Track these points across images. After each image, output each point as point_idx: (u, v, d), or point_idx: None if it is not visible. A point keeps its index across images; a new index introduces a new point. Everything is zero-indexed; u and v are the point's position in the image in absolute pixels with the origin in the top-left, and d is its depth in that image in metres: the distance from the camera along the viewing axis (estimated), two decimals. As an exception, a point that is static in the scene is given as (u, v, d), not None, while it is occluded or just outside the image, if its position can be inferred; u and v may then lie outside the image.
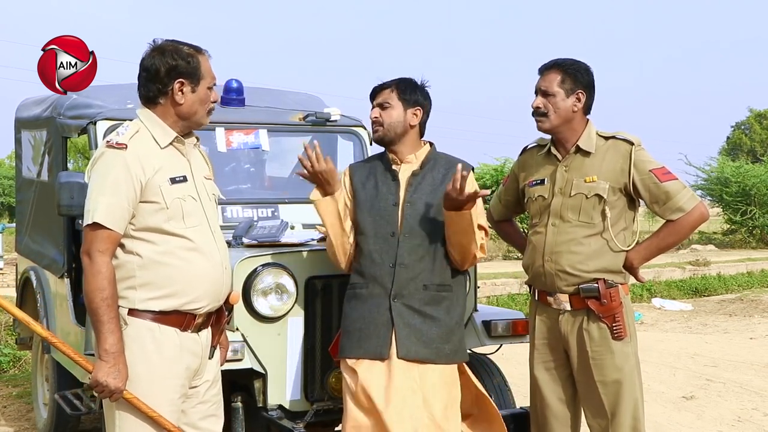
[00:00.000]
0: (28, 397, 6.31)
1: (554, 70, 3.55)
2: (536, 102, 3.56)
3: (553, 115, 3.53)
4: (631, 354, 3.52)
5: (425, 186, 3.53)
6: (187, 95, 2.92)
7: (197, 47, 2.99)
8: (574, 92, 3.52)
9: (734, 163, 24.29)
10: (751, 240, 21.76)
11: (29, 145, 5.67)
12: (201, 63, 2.95)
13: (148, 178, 2.84)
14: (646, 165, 3.49)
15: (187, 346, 2.93)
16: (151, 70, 2.92)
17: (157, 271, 2.86)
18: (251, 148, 4.84)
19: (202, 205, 2.98)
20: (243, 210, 4.64)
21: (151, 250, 2.86)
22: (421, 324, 3.45)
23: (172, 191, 2.88)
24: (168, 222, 2.87)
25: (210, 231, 2.99)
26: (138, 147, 2.86)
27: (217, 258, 2.98)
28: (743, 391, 6.85)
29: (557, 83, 3.52)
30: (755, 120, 53.62)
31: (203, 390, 3.04)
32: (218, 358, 3.14)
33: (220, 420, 3.13)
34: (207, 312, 2.98)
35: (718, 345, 9.10)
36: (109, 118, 4.29)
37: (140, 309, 2.86)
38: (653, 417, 6.05)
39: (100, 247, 2.80)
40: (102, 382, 2.78)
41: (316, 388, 3.84)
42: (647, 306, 12.24)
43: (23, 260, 5.81)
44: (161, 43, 2.95)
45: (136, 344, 2.86)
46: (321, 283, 3.85)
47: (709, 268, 15.22)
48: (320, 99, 5.60)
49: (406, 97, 3.55)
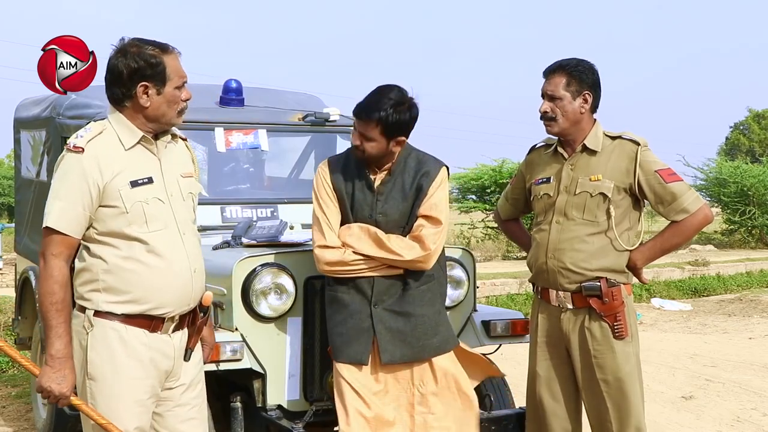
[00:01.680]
0: (27, 397, 6.31)
1: (559, 73, 3.54)
2: (543, 107, 3.55)
3: (562, 118, 3.53)
4: (633, 354, 3.52)
5: (395, 193, 3.51)
6: (152, 98, 2.84)
7: (164, 46, 2.87)
8: (580, 94, 3.52)
9: (732, 163, 24.28)
10: (750, 240, 21.76)
11: (28, 145, 5.67)
12: (167, 64, 2.84)
13: (106, 182, 2.78)
14: (652, 166, 3.50)
15: (156, 346, 2.87)
16: (114, 73, 2.83)
17: (120, 276, 2.81)
18: (250, 148, 4.84)
19: (172, 206, 2.90)
20: (242, 210, 4.64)
21: (114, 255, 2.81)
22: (404, 325, 3.47)
23: (133, 194, 2.81)
24: (129, 226, 2.81)
25: (178, 234, 2.90)
26: (97, 150, 2.79)
27: (184, 263, 2.90)
28: (742, 391, 6.85)
29: (563, 86, 3.52)
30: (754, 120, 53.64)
31: (178, 393, 2.98)
32: (196, 361, 3.06)
33: (202, 423, 3.06)
34: (178, 315, 2.92)
35: (717, 345, 9.09)
36: (108, 118, 4.29)
37: (105, 311, 2.82)
38: (652, 417, 6.05)
39: (54, 251, 2.76)
40: (46, 387, 2.76)
41: (315, 388, 3.84)
42: (646, 306, 12.24)
43: (22, 260, 5.81)
44: (125, 44, 2.85)
45: (101, 345, 2.82)
46: (320, 283, 3.84)
47: (708, 268, 15.20)
48: (319, 99, 5.61)
49: (390, 131, 3.46)
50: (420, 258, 3.43)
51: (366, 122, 3.46)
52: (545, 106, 3.55)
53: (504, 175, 18.50)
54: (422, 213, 3.47)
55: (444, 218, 3.49)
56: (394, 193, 3.51)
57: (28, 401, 6.15)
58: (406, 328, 3.46)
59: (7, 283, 12.43)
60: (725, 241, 22.02)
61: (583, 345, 3.52)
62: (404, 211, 3.49)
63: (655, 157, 3.54)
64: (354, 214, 3.52)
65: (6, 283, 12.57)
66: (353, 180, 3.54)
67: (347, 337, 3.47)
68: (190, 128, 3.67)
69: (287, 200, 4.80)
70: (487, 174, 19.18)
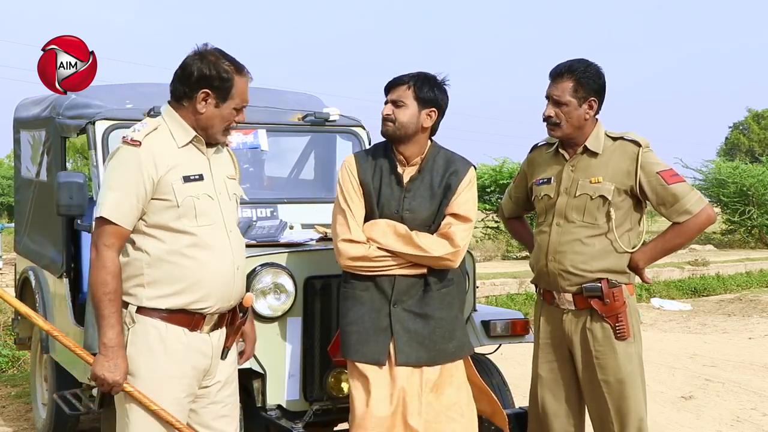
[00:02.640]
0: (27, 397, 6.30)
1: (567, 77, 3.49)
2: (548, 111, 3.52)
3: (566, 124, 3.51)
4: (635, 354, 3.52)
5: (423, 191, 3.45)
6: (209, 107, 2.93)
7: (240, 67, 2.98)
8: (586, 100, 3.49)
9: (731, 163, 24.28)
10: (750, 240, 21.76)
11: (28, 145, 5.66)
12: (235, 83, 2.94)
13: (160, 176, 2.85)
14: (654, 167, 3.48)
15: (195, 345, 2.92)
16: (185, 71, 2.93)
17: (164, 269, 2.87)
18: (250, 148, 4.84)
19: (220, 204, 2.98)
20: (242, 210, 4.61)
21: (159, 248, 2.87)
22: (422, 327, 3.42)
23: (185, 189, 2.88)
24: (179, 219, 2.87)
25: (225, 230, 2.98)
26: (153, 144, 2.87)
27: (229, 258, 2.97)
28: (742, 391, 6.85)
29: (570, 92, 3.47)
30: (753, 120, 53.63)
31: (215, 391, 3.03)
32: (232, 359, 3.12)
33: (234, 421, 3.12)
34: (218, 312, 2.97)
35: (717, 345, 9.09)
36: (108, 118, 4.28)
37: (148, 307, 2.87)
38: (652, 417, 6.03)
39: (107, 242, 2.83)
40: (100, 375, 2.81)
41: (315, 388, 3.84)
42: (646, 306, 12.24)
43: (22, 260, 5.80)
44: (207, 50, 2.95)
45: (141, 341, 2.88)
46: (320, 283, 3.85)
47: (708, 268, 15.21)
48: (319, 99, 5.60)
49: (423, 96, 3.42)
50: (449, 255, 3.38)
51: (397, 86, 3.43)
52: (550, 111, 3.51)
53: (504, 175, 18.50)
54: (450, 211, 3.42)
55: (473, 217, 3.46)
56: (422, 191, 3.45)
57: (28, 401, 6.15)
58: (424, 331, 3.41)
59: (6, 283, 12.43)
60: (725, 241, 22.02)
61: (585, 346, 3.52)
62: (432, 210, 3.44)
63: (657, 158, 3.52)
64: (380, 209, 3.45)
65: (6, 283, 12.57)
66: (381, 174, 3.47)
67: (364, 336, 3.40)
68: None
69: (287, 200, 4.80)
70: (487, 174, 19.18)
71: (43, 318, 2.98)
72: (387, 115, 3.43)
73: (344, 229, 3.42)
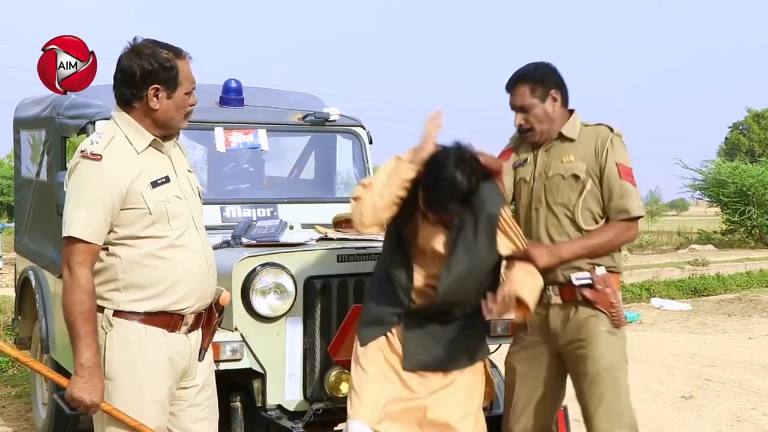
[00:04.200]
0: (27, 397, 6.30)
1: (520, 84, 3.50)
2: (518, 120, 3.52)
3: (538, 125, 3.50)
4: (618, 345, 3.46)
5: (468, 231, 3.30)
6: (162, 101, 2.84)
7: (177, 50, 2.88)
8: (547, 95, 3.49)
9: (731, 163, 24.27)
10: (750, 240, 21.75)
11: (28, 145, 5.67)
12: (180, 68, 2.85)
13: (128, 186, 2.78)
14: (618, 155, 3.44)
15: (174, 347, 2.89)
16: (126, 73, 2.83)
17: (140, 273, 2.82)
18: (250, 148, 4.84)
19: (188, 202, 2.94)
20: (242, 210, 4.64)
21: (131, 253, 2.82)
22: (441, 331, 3.38)
23: (155, 195, 2.82)
24: (153, 226, 2.82)
25: (196, 229, 2.94)
26: (114, 155, 2.80)
27: (202, 256, 2.94)
28: (742, 391, 6.86)
29: (528, 95, 3.48)
30: (753, 120, 53.66)
31: (193, 393, 3.00)
32: (209, 362, 3.08)
33: (213, 423, 3.09)
34: (196, 312, 2.94)
35: (716, 345, 9.09)
36: (108, 117, 4.27)
37: (125, 310, 2.82)
38: (652, 417, 6.05)
39: (79, 259, 2.76)
40: (77, 397, 2.76)
41: (315, 388, 3.84)
42: (646, 306, 12.24)
43: (22, 260, 5.81)
44: (140, 44, 2.85)
45: (120, 345, 2.83)
46: (320, 282, 3.84)
47: (707, 268, 15.20)
48: (319, 99, 5.60)
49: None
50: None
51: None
52: (519, 119, 3.52)
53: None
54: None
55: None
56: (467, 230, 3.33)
57: (28, 401, 6.15)
58: (444, 334, 3.37)
59: (6, 283, 12.44)
60: (725, 241, 22.00)
61: (570, 337, 3.45)
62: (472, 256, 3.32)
63: (626, 151, 3.49)
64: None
65: (6, 282, 12.58)
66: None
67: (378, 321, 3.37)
68: (190, 128, 3.67)
69: (287, 200, 4.80)
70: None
71: (11, 346, 2.91)
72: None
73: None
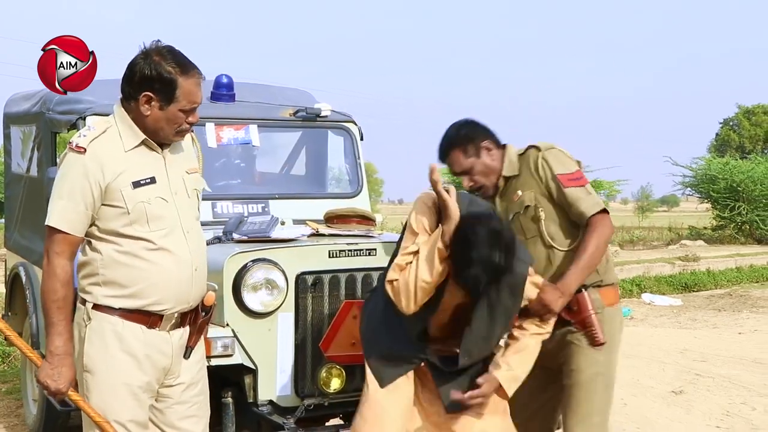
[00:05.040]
0: (18, 393, 6.28)
1: (451, 151, 3.47)
2: (466, 183, 3.51)
3: (485, 180, 3.48)
4: (602, 361, 3.39)
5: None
6: (153, 110, 2.83)
7: (187, 67, 2.84)
8: (479, 150, 3.45)
9: (721, 159, 24.33)
10: (740, 236, 21.83)
11: (18, 141, 5.64)
12: (180, 85, 2.81)
13: (108, 183, 2.79)
14: (554, 168, 3.38)
15: (152, 342, 2.89)
16: (130, 71, 2.84)
17: (119, 271, 2.83)
18: (241, 144, 4.84)
19: (176, 204, 2.91)
20: (233, 205, 4.63)
21: (112, 249, 2.83)
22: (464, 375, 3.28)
23: (135, 195, 2.82)
24: (131, 226, 2.83)
25: (182, 232, 2.91)
26: (99, 150, 2.81)
27: (187, 260, 2.91)
28: (732, 386, 6.88)
29: (463, 159, 3.45)
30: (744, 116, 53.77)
31: (179, 391, 2.99)
32: (197, 359, 3.07)
33: (202, 420, 3.09)
34: (179, 312, 2.93)
35: (707, 340, 9.12)
36: (99, 113, 4.26)
37: (103, 305, 2.85)
38: (642, 412, 6.07)
39: (56, 249, 2.80)
40: (43, 382, 2.82)
41: (307, 384, 3.84)
42: (637, 301, 12.27)
43: (12, 256, 5.79)
44: (155, 48, 2.84)
45: (97, 338, 2.86)
46: (311, 278, 3.85)
47: (698, 264, 15.25)
48: (310, 94, 5.59)
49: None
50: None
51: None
52: (466, 183, 3.50)
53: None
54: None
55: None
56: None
57: (19, 397, 6.13)
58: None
59: (-4, 279, 12.38)
60: (715, 237, 22.08)
61: (552, 354, 3.42)
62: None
63: (562, 158, 3.41)
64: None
65: (-4, 279, 12.52)
66: None
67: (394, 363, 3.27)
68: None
69: (278, 196, 4.80)
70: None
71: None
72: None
73: None
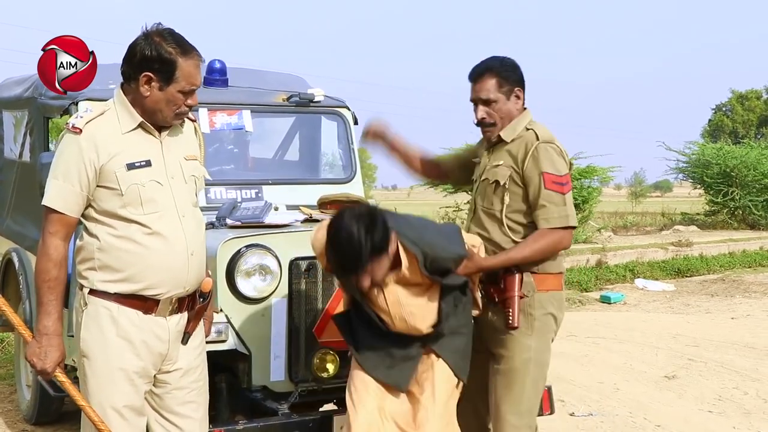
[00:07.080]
0: (11, 378, 6.28)
1: (488, 76, 3.39)
2: (480, 113, 3.41)
3: (500, 121, 3.41)
4: (533, 347, 3.35)
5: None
6: (153, 91, 2.85)
7: (186, 48, 2.85)
8: (512, 92, 3.41)
9: (715, 144, 24.32)
10: (733, 221, 21.86)
11: (11, 126, 5.62)
12: (180, 65, 2.83)
13: (102, 164, 2.81)
14: (543, 164, 3.31)
15: (148, 328, 2.89)
16: (131, 52, 2.86)
17: (114, 255, 2.84)
18: (234, 129, 4.82)
19: (171, 189, 2.91)
20: (226, 191, 4.62)
21: (108, 233, 2.85)
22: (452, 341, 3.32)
23: (129, 177, 2.83)
24: (124, 208, 2.84)
25: (177, 216, 2.91)
26: (95, 131, 2.83)
27: (182, 244, 2.90)
28: (724, 371, 6.91)
29: (495, 89, 3.39)
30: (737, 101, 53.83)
31: (177, 377, 3.00)
32: (195, 345, 3.06)
33: (201, 406, 3.09)
34: (175, 298, 2.93)
35: (699, 325, 9.16)
36: (91, 98, 4.24)
37: (99, 290, 2.86)
38: (635, 396, 6.11)
39: (51, 229, 2.84)
40: (30, 360, 2.85)
41: (300, 369, 3.84)
42: (630, 286, 12.30)
43: (5, 241, 5.77)
44: (155, 30, 2.86)
45: (93, 323, 2.87)
46: (305, 264, 3.84)
47: (691, 249, 15.26)
48: (304, 79, 5.57)
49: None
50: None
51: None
52: (482, 113, 3.41)
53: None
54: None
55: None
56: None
57: (12, 383, 6.13)
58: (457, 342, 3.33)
59: (-11, 265, 12.34)
60: (708, 222, 22.11)
61: (486, 335, 3.42)
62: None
63: (555, 157, 3.34)
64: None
65: (-11, 264, 12.48)
66: None
67: (388, 361, 3.29)
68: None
69: (271, 181, 4.79)
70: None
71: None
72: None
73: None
